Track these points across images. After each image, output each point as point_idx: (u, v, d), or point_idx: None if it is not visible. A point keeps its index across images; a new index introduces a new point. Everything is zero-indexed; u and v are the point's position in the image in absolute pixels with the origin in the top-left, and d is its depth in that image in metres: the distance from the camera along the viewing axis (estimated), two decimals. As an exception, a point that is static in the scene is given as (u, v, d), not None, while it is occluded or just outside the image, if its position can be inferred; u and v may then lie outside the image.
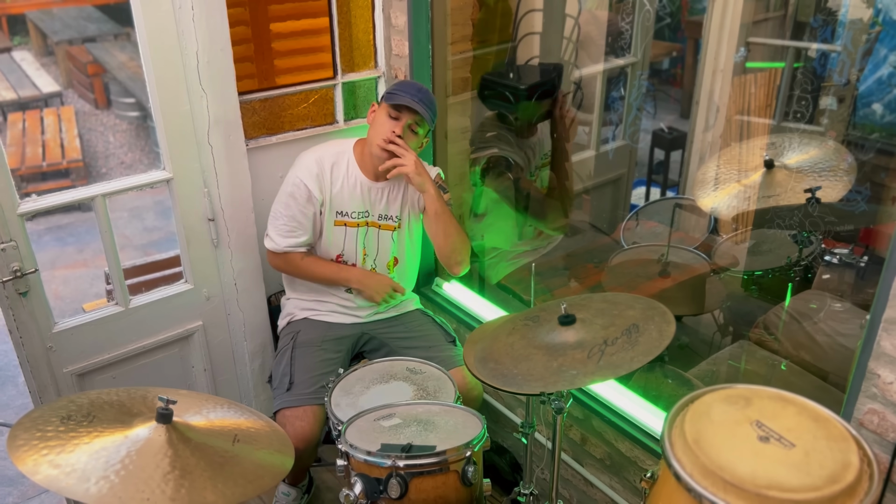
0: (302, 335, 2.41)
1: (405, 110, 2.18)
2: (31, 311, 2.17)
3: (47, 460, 1.40)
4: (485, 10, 2.84)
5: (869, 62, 2.42)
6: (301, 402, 2.19)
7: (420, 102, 2.17)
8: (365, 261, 2.40)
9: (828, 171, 2.22)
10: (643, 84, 3.31)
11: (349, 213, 2.33)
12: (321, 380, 2.24)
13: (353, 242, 2.36)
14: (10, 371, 3.69)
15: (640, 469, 2.13)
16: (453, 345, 2.39)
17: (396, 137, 2.18)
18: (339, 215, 2.32)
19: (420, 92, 2.21)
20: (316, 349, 2.36)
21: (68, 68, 8.36)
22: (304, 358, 2.33)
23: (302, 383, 2.24)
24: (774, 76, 2.91)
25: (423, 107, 2.17)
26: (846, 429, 1.29)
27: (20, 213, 2.07)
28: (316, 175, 2.27)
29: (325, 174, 2.28)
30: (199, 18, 2.17)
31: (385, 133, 2.19)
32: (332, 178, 2.29)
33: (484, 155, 2.80)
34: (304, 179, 2.26)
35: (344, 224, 2.34)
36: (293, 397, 2.21)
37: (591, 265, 2.96)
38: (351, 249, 2.37)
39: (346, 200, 2.31)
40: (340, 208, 2.32)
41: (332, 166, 2.29)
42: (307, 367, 2.29)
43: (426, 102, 2.20)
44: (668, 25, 3.49)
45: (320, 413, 2.19)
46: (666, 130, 3.78)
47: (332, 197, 2.30)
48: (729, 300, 2.61)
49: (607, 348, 1.52)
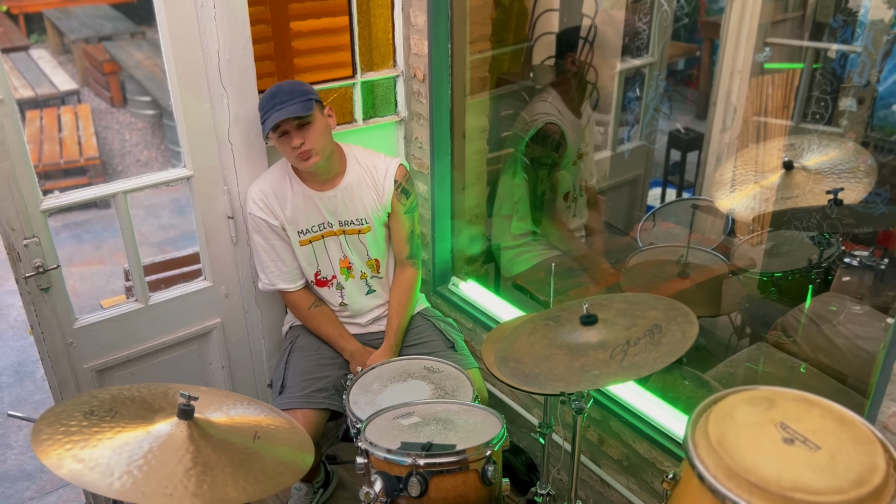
0: (300, 340, 2.43)
1: (282, 124, 2.11)
2: (53, 307, 2.18)
3: (71, 454, 1.41)
4: (500, 9, 2.84)
5: (889, 63, 2.41)
6: (291, 405, 2.20)
7: (282, 107, 2.08)
8: (351, 271, 2.38)
9: (847, 173, 2.20)
10: (660, 84, 3.30)
11: (310, 230, 2.31)
12: (313, 384, 2.25)
13: (325, 255, 2.35)
14: (28, 367, 3.73)
15: (657, 470, 2.12)
16: (453, 350, 2.38)
17: (306, 160, 2.14)
18: (301, 234, 2.31)
19: (274, 97, 2.12)
20: (312, 354, 2.38)
21: (85, 66, 8.41)
22: (299, 362, 2.35)
23: (293, 386, 2.26)
24: (793, 77, 2.90)
25: (287, 106, 2.08)
26: (872, 431, 1.28)
27: (43, 210, 2.09)
28: (263, 204, 2.27)
29: (271, 200, 2.27)
30: (221, 17, 2.18)
31: (292, 154, 2.15)
32: (280, 202, 2.27)
33: (542, 119, 2.78)
34: (255, 212, 2.28)
35: (309, 241, 2.33)
36: (283, 400, 2.23)
37: (608, 266, 2.95)
38: (325, 263, 2.36)
39: (302, 218, 2.30)
40: (300, 227, 2.30)
41: (275, 191, 2.28)
42: (300, 371, 2.31)
43: (287, 100, 2.09)
44: (685, 26, 3.47)
45: (314, 417, 2.20)
46: (682, 131, 3.77)
47: (288, 220, 2.28)
48: (746, 302, 2.60)
49: (630, 349, 1.52)
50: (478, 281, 2.89)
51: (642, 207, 3.56)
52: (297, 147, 2.12)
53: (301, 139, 2.12)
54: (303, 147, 2.12)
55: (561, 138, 2.77)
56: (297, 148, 2.12)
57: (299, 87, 2.16)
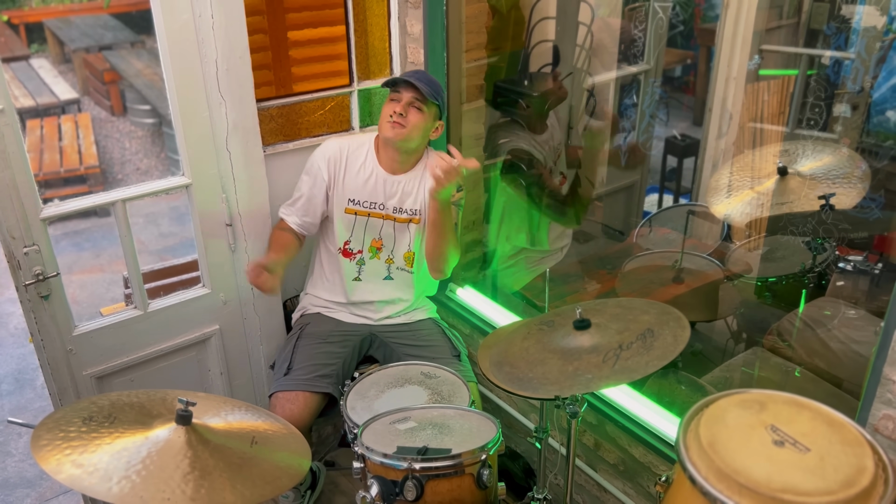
0: (310, 327, 2.45)
1: (401, 87, 2.22)
2: (53, 315, 2.20)
3: (70, 460, 1.42)
4: (498, 17, 2.86)
5: (883, 69, 2.43)
6: (296, 387, 2.23)
7: (415, 79, 2.20)
8: (380, 253, 2.42)
9: (842, 179, 2.22)
10: (656, 91, 3.32)
11: (360, 202, 2.37)
12: (320, 369, 2.28)
13: (362, 231, 2.39)
14: (28, 374, 3.74)
15: (653, 475, 2.13)
16: (457, 360, 2.39)
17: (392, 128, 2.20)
18: (350, 203, 2.37)
19: (416, 73, 2.26)
20: (321, 342, 2.40)
21: (85, 76, 8.45)
22: (308, 347, 2.37)
23: (300, 369, 2.29)
24: (787, 83, 2.92)
25: (419, 82, 2.20)
26: (861, 433, 1.29)
27: (43, 218, 2.11)
28: (329, 158, 2.35)
29: (342, 159, 2.35)
30: (219, 27, 2.21)
31: (387, 116, 2.23)
32: (348, 164, 2.35)
33: (504, 147, 2.81)
34: (318, 159, 2.36)
35: (354, 212, 2.37)
36: (289, 381, 2.26)
37: (604, 271, 2.97)
38: (359, 237, 2.40)
39: (358, 189, 2.35)
40: (353, 196, 2.36)
41: (350, 154, 2.36)
42: (308, 356, 2.33)
43: (423, 80, 2.23)
44: (680, 33, 3.51)
45: (313, 401, 2.23)
46: (679, 137, 3.78)
47: (345, 183, 2.35)
48: (742, 307, 2.61)
49: (622, 353, 1.54)
50: (475, 287, 2.91)
51: (639, 213, 3.57)
52: (397, 113, 2.21)
53: (404, 111, 2.22)
54: (400, 119, 2.21)
55: (529, 156, 2.80)
56: (396, 114, 2.21)
57: (438, 85, 2.28)
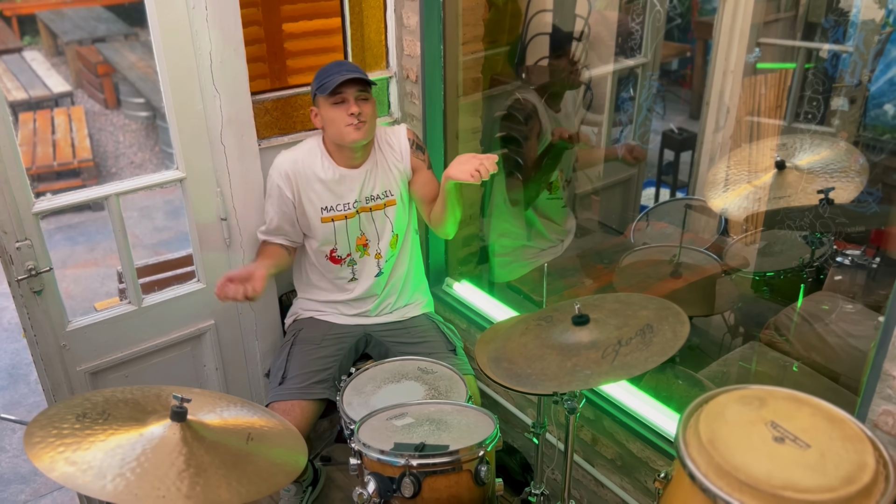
0: (304, 332, 2.43)
1: (344, 88, 2.16)
2: (46, 310, 2.18)
3: (64, 457, 1.41)
4: (494, 10, 2.84)
5: (881, 63, 2.42)
6: (290, 397, 2.21)
7: (348, 72, 2.16)
8: (367, 249, 2.40)
9: (839, 173, 2.21)
10: (653, 85, 3.31)
11: (333, 207, 2.34)
12: (315, 375, 2.27)
13: (344, 234, 2.37)
14: (22, 369, 3.72)
15: (651, 470, 2.13)
16: (453, 354, 2.38)
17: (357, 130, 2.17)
18: (324, 211, 2.34)
19: (340, 66, 2.20)
20: (315, 347, 2.38)
21: (78, 68, 8.39)
22: (301, 354, 2.35)
23: (294, 378, 2.27)
24: (785, 77, 2.91)
25: (352, 73, 2.15)
26: (861, 430, 1.29)
27: (35, 212, 2.09)
28: (285, 175, 2.30)
29: (298, 172, 2.30)
30: (213, 19, 2.18)
31: (344, 121, 2.18)
32: (307, 175, 2.30)
33: (514, 96, 2.79)
34: (275, 180, 2.32)
35: (331, 219, 2.34)
36: (284, 391, 2.24)
37: (602, 266, 2.96)
38: (343, 242, 2.38)
39: (326, 195, 2.32)
40: (324, 204, 2.33)
41: (303, 164, 2.31)
42: (302, 363, 2.32)
43: (353, 70, 2.19)
44: (678, 26, 3.49)
45: (309, 408, 2.22)
46: (676, 131, 3.78)
47: (311, 195, 2.31)
48: (740, 301, 2.61)
49: (621, 348, 1.52)
50: (472, 281, 2.90)
51: (636, 208, 3.56)
52: (355, 115, 2.17)
53: (359, 109, 2.18)
54: (359, 118, 2.18)
55: (532, 112, 2.77)
56: (354, 116, 2.17)
57: (360, 69, 2.23)
